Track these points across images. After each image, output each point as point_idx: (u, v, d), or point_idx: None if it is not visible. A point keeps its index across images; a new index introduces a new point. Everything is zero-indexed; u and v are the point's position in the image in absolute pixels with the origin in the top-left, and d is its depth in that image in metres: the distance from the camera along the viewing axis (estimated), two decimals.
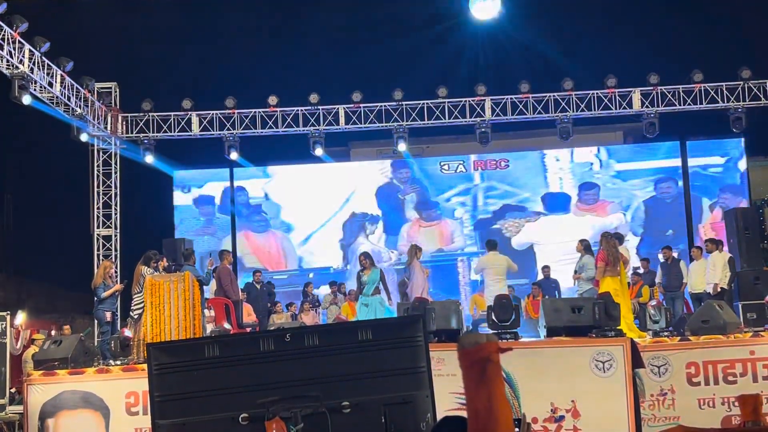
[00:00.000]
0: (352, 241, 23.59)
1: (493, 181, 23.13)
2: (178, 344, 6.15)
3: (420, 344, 4.55)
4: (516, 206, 23.14)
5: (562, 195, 23.05)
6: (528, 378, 10.00)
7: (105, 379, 10.58)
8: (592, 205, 23.02)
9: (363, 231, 23.87)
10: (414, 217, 23.76)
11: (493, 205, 23.33)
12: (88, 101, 18.11)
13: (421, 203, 23.73)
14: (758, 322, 12.50)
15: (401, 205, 23.85)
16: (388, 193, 24.06)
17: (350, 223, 23.68)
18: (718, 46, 24.13)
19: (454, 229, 23.58)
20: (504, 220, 23.04)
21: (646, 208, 22.70)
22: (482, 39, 21.24)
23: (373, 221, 23.87)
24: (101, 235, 19.36)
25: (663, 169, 22.56)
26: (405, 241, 22.97)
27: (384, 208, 23.79)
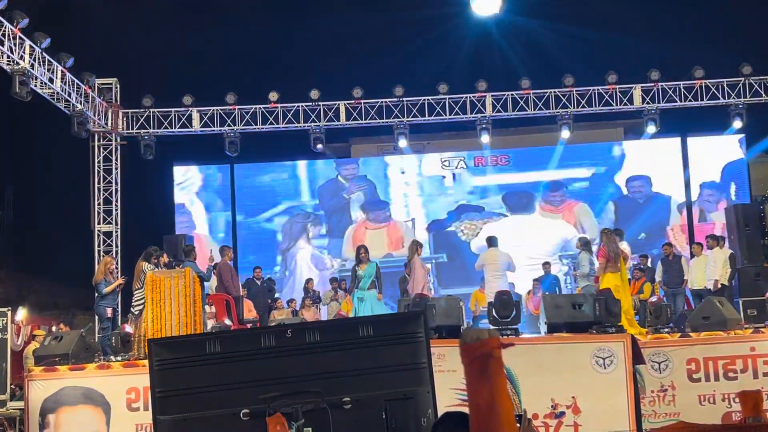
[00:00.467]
0: (291, 245, 22.51)
1: (449, 180, 22.14)
2: (179, 340, 6.16)
3: (421, 340, 4.55)
4: (474, 206, 22.24)
5: (525, 194, 22.23)
6: (528, 374, 10.00)
7: (106, 375, 10.59)
8: (558, 206, 22.23)
9: (305, 233, 22.64)
10: (360, 217, 22.63)
11: (448, 205, 22.25)
12: (88, 97, 18.11)
13: (368, 203, 22.56)
14: (759, 319, 12.52)
15: (346, 205, 22.68)
16: (331, 191, 22.83)
17: (289, 224, 22.56)
18: (718, 42, 24.10)
19: (404, 232, 22.25)
20: (459, 221, 22.15)
21: (617, 207, 22.16)
22: (483, 35, 21.22)
23: (317, 222, 22.64)
24: (102, 231, 19.36)
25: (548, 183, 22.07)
26: (350, 245, 21.83)
27: (327, 208, 22.68)
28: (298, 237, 22.51)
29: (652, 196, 22.04)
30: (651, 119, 19.28)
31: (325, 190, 22.82)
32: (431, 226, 22.20)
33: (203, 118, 19.81)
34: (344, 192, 22.69)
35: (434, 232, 22.08)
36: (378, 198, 22.51)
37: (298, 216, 22.52)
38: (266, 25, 25.82)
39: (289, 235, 22.54)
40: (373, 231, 22.30)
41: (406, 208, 22.56)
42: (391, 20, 24.77)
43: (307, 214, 22.54)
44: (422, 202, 22.57)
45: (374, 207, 22.55)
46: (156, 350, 4.52)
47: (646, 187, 22.05)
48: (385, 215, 22.36)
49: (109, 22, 22.61)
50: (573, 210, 22.29)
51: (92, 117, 18.39)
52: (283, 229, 22.48)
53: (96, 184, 19.44)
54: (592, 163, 22.36)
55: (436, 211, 22.38)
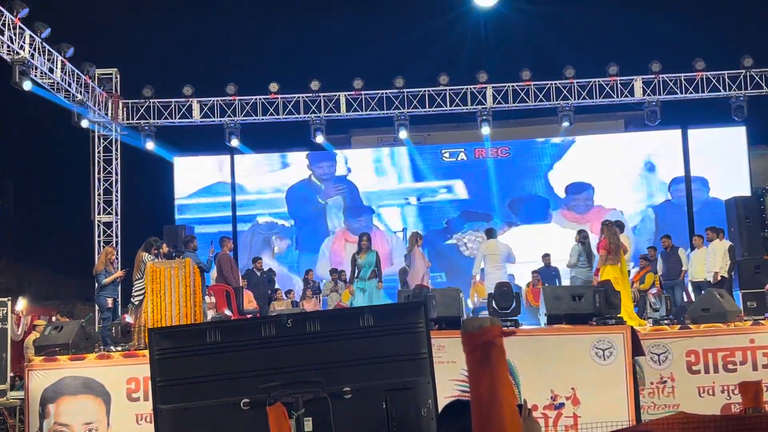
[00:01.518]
0: (247, 264, 17.83)
1: (448, 179, 19.81)
2: (179, 329, 6.16)
3: (422, 330, 4.55)
4: (479, 214, 19.95)
5: (539, 199, 20.16)
6: (528, 365, 10.01)
7: (106, 365, 10.60)
8: (584, 213, 19.91)
9: (268, 247, 19.62)
10: (339, 228, 19.90)
11: (448, 212, 19.73)
12: (88, 87, 18.08)
13: (349, 209, 19.85)
14: (758, 311, 12.51)
15: (322, 212, 19.97)
16: (303, 194, 19.97)
17: (250, 235, 19.79)
18: (720, 34, 24.08)
19: (392, 246, 19.50)
20: (461, 233, 20.07)
21: (657, 216, 20.33)
22: (484, 26, 21.20)
23: (283, 235, 19.61)
24: (102, 221, 19.36)
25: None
26: (326, 261, 19.04)
27: (297, 216, 19.94)
28: (260, 251, 19.63)
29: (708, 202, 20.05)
30: (652, 111, 19.25)
31: (295, 194, 20.09)
32: (427, 239, 18.31)
33: (203, 108, 19.78)
34: (319, 195, 20.06)
35: (430, 246, 18.87)
36: (361, 203, 19.85)
37: (260, 226, 19.98)
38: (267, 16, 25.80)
39: (249, 248, 19.74)
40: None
41: (398, 214, 19.77)
42: (391, 11, 24.76)
43: (272, 224, 19.93)
44: (416, 209, 20.13)
45: (357, 214, 19.73)
46: (156, 340, 4.52)
47: (701, 191, 20.30)
48: (368, 226, 19.17)
49: (110, 12, 22.59)
50: (603, 217, 20.03)
51: (92, 107, 18.37)
52: (243, 242, 19.78)
53: (96, 174, 19.44)
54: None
55: (432, 219, 19.93)
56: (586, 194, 20.47)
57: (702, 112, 21.11)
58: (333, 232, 19.82)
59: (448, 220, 20.23)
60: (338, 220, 19.68)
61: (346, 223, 19.57)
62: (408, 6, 23.87)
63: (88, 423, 10.38)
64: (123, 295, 14.13)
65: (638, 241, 19.68)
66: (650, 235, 20.26)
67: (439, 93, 19.50)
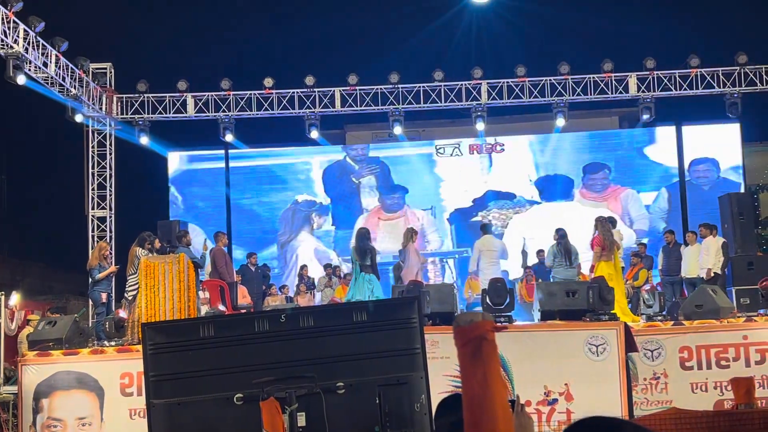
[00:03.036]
0: (292, 237, 20.25)
1: (472, 164, 20.35)
2: (173, 324, 6.16)
3: (415, 326, 4.55)
4: (504, 193, 20.56)
5: (561, 178, 20.55)
6: (522, 361, 10.04)
7: (99, 360, 10.61)
8: (600, 193, 20.36)
9: (308, 223, 20.45)
10: (373, 206, 20.58)
11: (474, 190, 20.27)
12: (83, 82, 18.04)
13: (382, 188, 20.54)
14: (751, 307, 12.55)
15: (356, 190, 20.71)
16: (338, 174, 20.76)
17: (290, 212, 20.56)
18: (714, 30, 24.12)
19: (424, 223, 20.20)
20: (487, 210, 20.56)
21: (671, 196, 20.49)
22: (479, 22, 21.21)
23: (322, 212, 20.42)
24: (96, 216, 19.34)
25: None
26: None
27: (333, 194, 20.62)
28: (300, 228, 20.53)
29: (719, 183, 20.35)
30: (646, 107, 19.26)
31: (331, 174, 20.77)
32: (453, 216, 20.40)
33: (198, 103, 19.75)
34: (353, 175, 20.76)
35: (457, 223, 20.15)
36: (392, 182, 20.48)
37: (302, 204, 20.71)
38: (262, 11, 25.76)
39: (290, 225, 20.55)
40: (387, 222, 20.05)
41: (426, 193, 20.27)
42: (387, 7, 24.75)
43: (311, 201, 20.67)
44: (443, 187, 20.60)
45: (389, 193, 20.39)
46: (149, 334, 4.51)
47: (712, 171, 20.60)
48: (400, 203, 20.09)
49: (104, 6, 22.54)
50: (619, 197, 20.49)
51: (86, 102, 18.33)
52: (283, 219, 20.62)
53: (90, 169, 19.40)
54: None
55: (459, 197, 20.46)
56: (603, 173, 20.72)
57: (696, 109, 21.16)
58: (367, 210, 20.41)
59: (474, 198, 20.68)
60: (372, 198, 20.32)
61: (380, 201, 20.27)
62: (403, 2, 23.86)
63: (82, 418, 10.39)
64: (117, 290, 14.12)
65: (653, 219, 20.36)
66: (664, 214, 20.52)
67: (434, 89, 19.49)
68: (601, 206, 20.20)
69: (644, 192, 20.79)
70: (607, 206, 20.07)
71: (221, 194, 21.92)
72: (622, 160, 20.95)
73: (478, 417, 2.30)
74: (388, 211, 20.18)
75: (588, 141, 21.51)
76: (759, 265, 14.82)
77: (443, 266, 19.92)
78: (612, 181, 20.97)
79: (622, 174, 20.88)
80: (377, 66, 20.68)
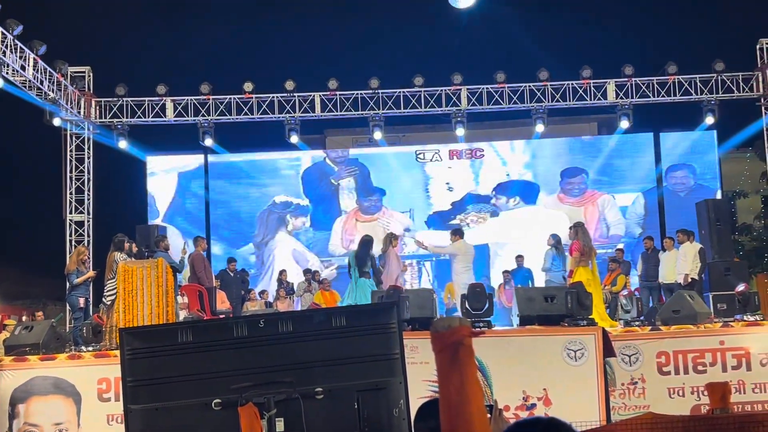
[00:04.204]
0: (268, 238, 20.43)
1: (453, 167, 20.60)
2: (151, 329, 6.13)
3: (394, 331, 4.56)
4: (482, 196, 20.75)
5: (522, 183, 20.78)
6: (501, 366, 10.07)
7: (77, 365, 10.53)
8: (578, 197, 20.66)
9: (283, 225, 20.62)
10: (351, 207, 20.75)
11: (452, 193, 20.50)
12: (61, 85, 17.93)
13: (361, 190, 20.66)
14: (728, 313, 12.64)
15: (335, 192, 20.79)
16: (317, 176, 20.85)
17: (266, 214, 20.69)
18: (692, 38, 24.33)
19: (403, 225, 20.39)
20: (465, 213, 20.74)
21: (647, 202, 20.77)
22: (459, 28, 21.29)
23: (298, 213, 20.54)
24: (74, 220, 19.22)
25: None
26: (339, 239, 20.21)
27: (312, 196, 20.73)
28: (276, 229, 20.68)
29: (695, 189, 20.57)
30: (624, 114, 19.38)
31: (311, 175, 20.86)
32: (432, 219, 20.60)
33: (177, 107, 19.68)
34: (332, 177, 20.86)
35: (436, 226, 20.31)
36: (371, 184, 20.62)
37: (279, 204, 20.78)
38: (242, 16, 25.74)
39: (265, 226, 20.69)
40: (365, 224, 20.11)
41: (406, 196, 20.53)
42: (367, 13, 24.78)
43: (288, 202, 20.75)
44: (423, 191, 20.82)
45: (367, 195, 20.59)
46: (127, 339, 4.49)
47: (689, 177, 20.81)
48: (378, 205, 20.35)
49: (83, 10, 22.43)
50: (596, 202, 20.74)
51: (65, 105, 18.21)
52: (259, 219, 20.75)
53: (68, 173, 19.29)
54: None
55: (439, 200, 20.68)
56: (580, 178, 20.99)
57: (674, 116, 21.32)
58: (345, 211, 20.56)
59: (453, 201, 20.90)
60: (350, 200, 20.48)
61: (357, 203, 20.45)
62: (384, 8, 23.90)
63: (58, 423, 10.31)
64: (95, 295, 14.04)
65: (629, 224, 20.67)
66: (640, 219, 20.76)
67: (414, 94, 19.53)
68: (578, 210, 20.43)
69: (622, 195, 20.98)
70: (584, 211, 20.33)
71: (200, 198, 21.84)
72: (600, 166, 21.11)
73: (455, 422, 2.31)
74: (365, 213, 20.34)
75: (567, 146, 21.64)
76: (736, 271, 14.94)
77: (420, 269, 19.98)
78: (589, 185, 21.13)
79: (599, 179, 21.08)
80: (357, 71, 20.74)
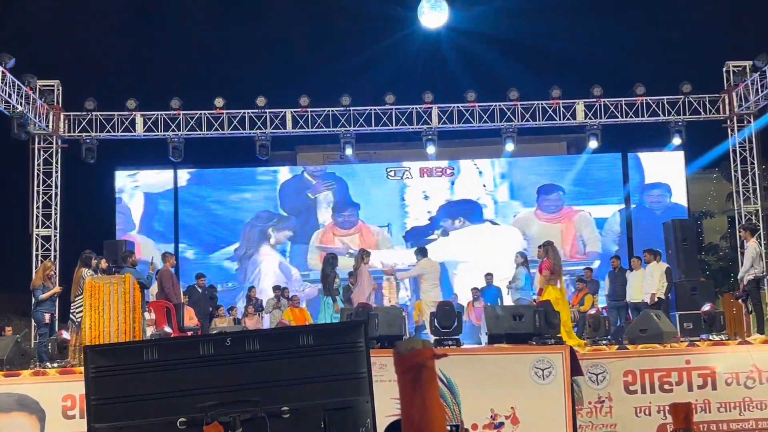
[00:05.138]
0: (251, 252, 20.52)
1: (430, 183, 20.89)
2: (116, 347, 6.07)
3: (361, 350, 4.55)
4: (460, 210, 21.01)
5: (467, 202, 21.11)
6: (469, 384, 10.06)
7: (41, 382, 10.39)
8: (555, 214, 20.97)
9: (265, 238, 20.70)
10: (328, 222, 20.97)
11: (430, 209, 20.75)
12: (29, 99, 17.78)
13: (338, 204, 20.86)
14: (694, 332, 12.75)
15: (312, 206, 20.97)
16: (294, 190, 21.04)
17: (249, 227, 20.84)
18: (660, 61, 24.65)
19: (379, 239, 20.59)
20: (440, 229, 21.05)
21: (624, 219, 21.03)
22: (430, 47, 21.39)
23: (281, 226, 20.63)
24: (40, 235, 19.02)
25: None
26: (316, 253, 20.27)
27: (289, 209, 20.89)
28: (259, 242, 20.73)
29: (672, 208, 20.97)
30: (593, 134, 19.57)
31: (288, 188, 21.00)
32: (410, 234, 20.82)
33: (147, 122, 19.59)
34: (309, 190, 20.99)
35: (413, 240, 20.37)
36: (350, 199, 20.80)
37: (261, 218, 20.79)
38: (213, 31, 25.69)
39: (247, 239, 20.71)
40: (343, 238, 20.39)
41: (384, 210, 20.70)
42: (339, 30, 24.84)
43: (271, 215, 20.81)
44: (399, 205, 21.00)
45: (342, 209, 20.73)
46: (92, 357, 4.45)
47: (665, 196, 21.29)
48: (352, 220, 20.49)
49: (52, 23, 22.28)
50: (573, 219, 21.07)
51: (33, 119, 18.06)
52: (242, 233, 20.73)
53: (35, 187, 19.10)
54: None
55: (415, 215, 20.88)
56: (557, 195, 21.26)
57: (642, 137, 21.56)
58: (323, 225, 20.66)
59: (431, 217, 21.16)
60: (327, 214, 20.60)
61: (332, 218, 20.59)
62: (355, 25, 23.97)
63: None
64: (61, 311, 13.89)
65: (605, 242, 21.00)
66: (616, 236, 21.10)
67: (386, 112, 19.59)
68: (556, 227, 20.80)
69: (598, 211, 21.30)
70: (561, 227, 20.69)
71: (169, 213, 21.73)
72: (573, 184, 21.31)
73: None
74: (341, 227, 20.46)
75: (537, 165, 21.84)
76: (702, 291, 15.11)
77: (398, 283, 19.96)
78: (566, 202, 21.38)
79: (575, 196, 21.35)
80: (329, 88, 20.75)
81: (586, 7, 25.54)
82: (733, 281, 22.95)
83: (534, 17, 24.04)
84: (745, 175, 19.26)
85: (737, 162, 19.37)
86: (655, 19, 26.51)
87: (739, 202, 19.23)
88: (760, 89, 17.94)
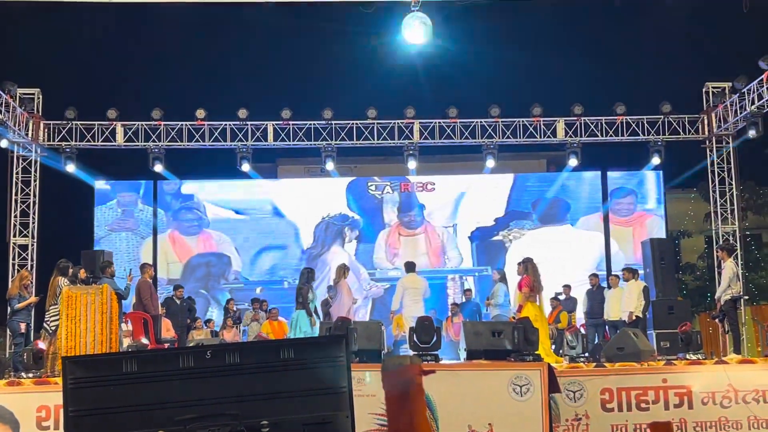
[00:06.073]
0: (323, 251, 20.63)
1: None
2: (94, 358, 6.03)
3: (342, 364, 4.54)
4: (525, 213, 20.93)
5: (581, 201, 21.06)
6: (447, 400, 10.05)
7: (16, 392, 10.28)
8: (628, 217, 20.90)
9: (340, 237, 20.74)
10: (394, 221, 20.88)
11: (496, 210, 20.61)
12: (9, 107, 17.66)
13: (404, 204, 20.78)
14: (671, 351, 12.84)
15: (379, 205, 20.92)
16: (362, 189, 21.08)
17: (324, 226, 20.81)
18: (640, 81, 24.86)
19: (445, 240, 20.61)
20: (508, 229, 20.95)
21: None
22: (412, 62, 21.45)
23: (354, 226, 20.72)
24: (17, 244, 18.87)
25: None
26: (383, 254, 20.49)
27: (357, 209, 20.96)
28: (332, 242, 20.69)
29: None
30: (573, 152, 19.67)
31: (355, 189, 21.17)
32: (475, 234, 20.72)
33: (127, 132, 19.50)
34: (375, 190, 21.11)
35: (478, 242, 20.47)
36: (415, 198, 20.79)
37: (335, 218, 20.83)
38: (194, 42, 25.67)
39: (322, 239, 20.67)
40: (408, 238, 20.40)
41: (449, 209, 20.63)
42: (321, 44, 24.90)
43: (345, 216, 20.83)
44: (466, 205, 20.91)
45: (408, 209, 20.68)
46: (70, 368, 4.42)
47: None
48: (419, 219, 20.47)
49: (33, 31, 22.19)
50: (645, 223, 20.99)
51: (12, 127, 17.93)
52: (315, 233, 20.73)
53: (13, 195, 18.96)
54: None
55: (481, 216, 20.83)
56: (630, 198, 21.28)
57: (621, 155, 21.69)
58: (389, 224, 20.72)
59: (497, 217, 21.10)
60: (393, 213, 20.70)
61: (398, 218, 20.67)
62: (337, 39, 24.03)
63: None
64: (36, 320, 13.77)
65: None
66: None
67: (367, 126, 19.62)
68: (627, 231, 20.86)
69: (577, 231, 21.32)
70: (632, 231, 20.73)
71: (148, 224, 21.60)
72: (549, 202, 21.41)
73: None
74: (407, 227, 20.58)
75: (517, 182, 21.89)
76: (679, 310, 15.21)
77: (462, 283, 20.09)
78: (539, 222, 21.34)
79: (553, 215, 21.37)
80: (311, 101, 20.76)
81: (567, 27, 25.77)
82: (710, 301, 23.12)
83: (516, 35, 24.23)
84: (723, 196, 19.40)
85: (715, 182, 19.52)
86: (636, 39, 26.79)
87: (717, 222, 19.36)
88: (739, 110, 18.11)
